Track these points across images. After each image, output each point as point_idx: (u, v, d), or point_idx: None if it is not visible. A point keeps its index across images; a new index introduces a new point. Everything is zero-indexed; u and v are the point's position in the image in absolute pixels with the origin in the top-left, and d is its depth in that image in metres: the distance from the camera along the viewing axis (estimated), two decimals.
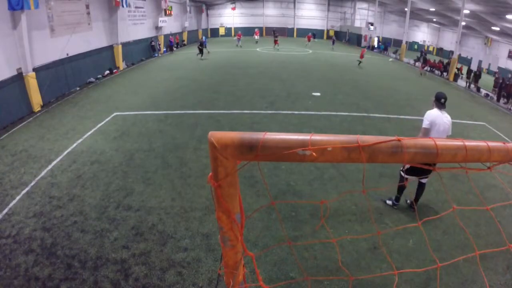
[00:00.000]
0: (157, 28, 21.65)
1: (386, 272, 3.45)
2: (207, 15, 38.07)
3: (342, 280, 3.48)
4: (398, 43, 31.39)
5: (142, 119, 8.42)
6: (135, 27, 18.19)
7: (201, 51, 19.67)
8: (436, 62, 21.11)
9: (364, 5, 37.91)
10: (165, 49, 22.95)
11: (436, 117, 4.10)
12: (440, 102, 4.17)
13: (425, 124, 4.12)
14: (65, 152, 6.39)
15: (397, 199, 4.73)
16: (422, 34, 38.29)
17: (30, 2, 8.55)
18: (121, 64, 16.01)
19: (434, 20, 32.52)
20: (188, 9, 28.00)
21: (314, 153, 0.79)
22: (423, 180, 4.52)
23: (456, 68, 18.45)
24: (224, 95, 10.80)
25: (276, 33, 27.21)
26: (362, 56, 20.12)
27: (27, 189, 5.11)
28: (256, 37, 30.81)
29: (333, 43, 30.47)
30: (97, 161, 6.05)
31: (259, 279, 1.13)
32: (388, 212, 4.66)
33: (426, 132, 4.12)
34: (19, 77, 8.87)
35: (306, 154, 0.80)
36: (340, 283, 3.43)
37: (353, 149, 0.80)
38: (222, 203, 0.90)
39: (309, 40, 29.55)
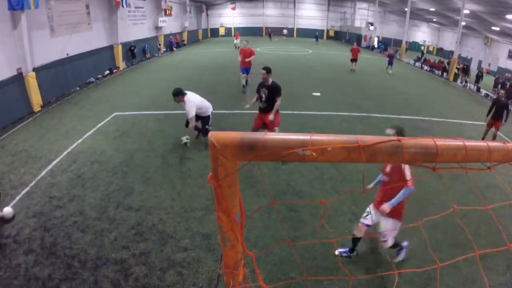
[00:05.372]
0: (157, 28, 21.65)
1: (386, 272, 3.45)
2: (207, 15, 38.10)
3: (342, 280, 3.48)
4: (398, 43, 31.37)
5: (142, 119, 8.42)
6: (135, 27, 18.18)
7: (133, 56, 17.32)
8: (436, 62, 21.15)
9: (364, 5, 37.93)
10: (165, 49, 22.96)
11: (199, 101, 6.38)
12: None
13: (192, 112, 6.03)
14: (65, 152, 6.39)
15: None
16: (422, 34, 38.32)
17: (30, 2, 8.54)
18: (121, 64, 16.00)
19: (434, 20, 32.52)
20: (188, 9, 27.99)
21: (314, 153, 0.79)
22: None
23: (456, 68, 18.49)
24: (224, 95, 10.79)
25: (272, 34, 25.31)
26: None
27: (27, 189, 5.10)
28: (236, 41, 24.58)
29: (391, 62, 17.21)
30: (97, 161, 6.05)
31: (259, 279, 1.13)
32: None
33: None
34: (19, 77, 8.85)
35: (306, 154, 0.80)
36: (340, 283, 3.43)
37: (353, 149, 0.80)
38: (222, 203, 0.90)
39: (355, 57, 16.43)
